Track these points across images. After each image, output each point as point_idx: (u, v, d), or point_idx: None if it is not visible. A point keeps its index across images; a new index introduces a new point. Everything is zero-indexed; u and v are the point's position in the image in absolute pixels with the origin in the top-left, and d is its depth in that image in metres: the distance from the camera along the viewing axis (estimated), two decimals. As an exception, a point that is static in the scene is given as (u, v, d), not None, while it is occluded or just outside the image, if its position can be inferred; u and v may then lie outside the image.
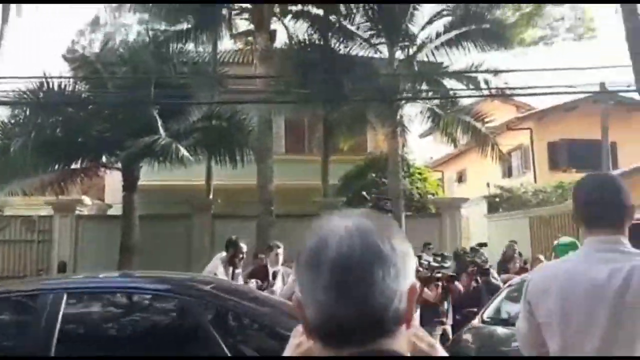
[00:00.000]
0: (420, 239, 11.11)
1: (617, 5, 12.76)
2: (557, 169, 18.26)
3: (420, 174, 15.18)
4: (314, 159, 14.75)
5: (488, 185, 18.84)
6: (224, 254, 6.10)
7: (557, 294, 1.80)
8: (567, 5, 16.71)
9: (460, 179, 24.48)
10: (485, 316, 6.00)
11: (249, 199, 12.55)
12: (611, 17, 14.57)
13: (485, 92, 13.71)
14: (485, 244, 13.10)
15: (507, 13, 15.50)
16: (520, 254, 10.84)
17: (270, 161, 12.33)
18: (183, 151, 10.10)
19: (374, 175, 14.11)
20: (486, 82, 13.15)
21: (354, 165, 14.99)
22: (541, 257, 8.10)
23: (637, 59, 11.63)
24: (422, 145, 24.93)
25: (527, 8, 16.15)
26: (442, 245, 12.68)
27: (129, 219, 11.23)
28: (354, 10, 12.71)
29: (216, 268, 5.85)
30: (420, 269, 5.95)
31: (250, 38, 15.02)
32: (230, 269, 5.87)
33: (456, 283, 6.53)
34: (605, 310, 1.72)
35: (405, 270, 0.90)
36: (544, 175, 18.55)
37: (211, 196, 13.51)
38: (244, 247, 6.06)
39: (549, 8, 16.69)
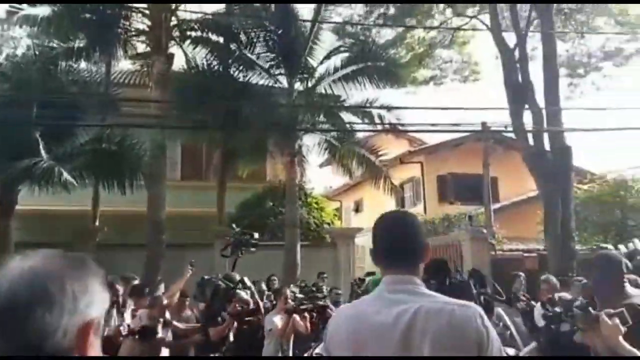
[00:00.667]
0: (316, 269, 11.21)
1: (497, 53, 13.92)
2: (445, 202, 19.29)
3: (317, 203, 15.38)
4: (210, 186, 14.48)
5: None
6: None
7: (347, 338, 1.73)
8: (454, 50, 17.94)
9: (358, 208, 25.11)
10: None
11: (139, 227, 12.03)
12: (493, 62, 15.78)
13: (379, 127, 14.26)
14: (373, 273, 13.52)
15: (401, 53, 16.34)
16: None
17: (163, 187, 11.94)
18: (66, 175, 9.50)
19: (271, 203, 14.09)
20: (380, 117, 13.70)
21: (251, 193, 14.89)
22: None
23: (513, 103, 12.72)
24: (321, 175, 25.36)
25: (419, 49, 17.13)
26: (337, 275, 12.88)
27: (4, 246, 10.32)
28: (255, 40, 12.81)
29: None
30: (289, 301, 6.19)
31: (148, 60, 14.61)
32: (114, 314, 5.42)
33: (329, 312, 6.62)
34: (391, 354, 1.64)
35: (75, 309, 0.98)
36: (433, 207, 19.49)
37: (97, 223, 12.77)
38: (119, 288, 5.66)
39: (439, 51, 17.83)
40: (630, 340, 2.60)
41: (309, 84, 13.16)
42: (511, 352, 3.80)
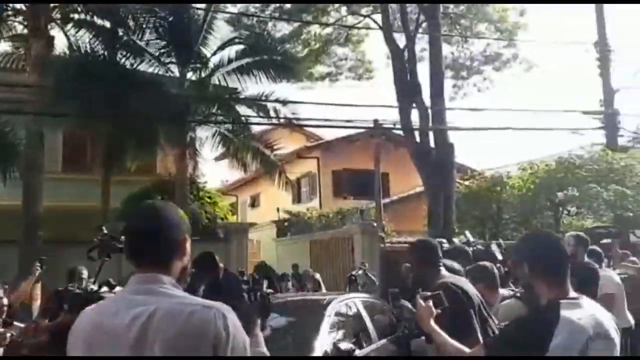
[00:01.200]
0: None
1: (389, 52, 14.41)
2: (340, 196, 19.73)
3: (210, 197, 15.06)
4: (95, 179, 13.66)
5: (278, 210, 19.54)
6: None
7: (83, 341, 1.59)
8: (349, 48, 18.36)
9: (254, 203, 24.99)
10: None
11: (15, 221, 11.12)
12: (386, 62, 16.33)
13: (275, 121, 14.24)
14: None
15: (297, 48, 16.44)
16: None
17: (40, 179, 11.12)
18: None
19: (160, 198, 13.57)
20: (275, 110, 13.67)
21: (140, 187, 14.25)
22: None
23: (402, 102, 13.25)
24: (217, 169, 24.91)
25: (315, 45, 17.33)
26: (229, 270, 12.68)
27: None
28: (144, 26, 12.24)
29: None
30: None
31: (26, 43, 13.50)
32: None
33: None
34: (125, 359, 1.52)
35: None
36: (328, 202, 19.87)
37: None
38: None
39: (334, 48, 18.16)
40: (446, 319, 2.71)
41: (202, 74, 12.82)
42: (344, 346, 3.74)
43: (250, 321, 1.85)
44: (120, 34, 12.27)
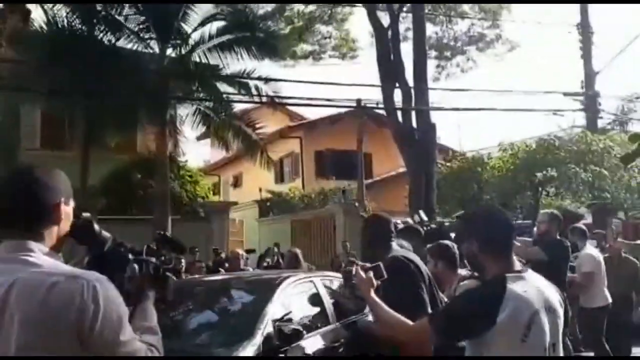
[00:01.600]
0: (188, 243, 10.85)
1: (372, 31, 14.29)
2: (322, 177, 19.70)
3: (190, 176, 14.95)
4: (73, 156, 13.45)
5: (260, 190, 19.48)
6: None
7: None
8: (333, 26, 18.20)
9: (237, 183, 24.88)
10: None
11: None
12: (370, 40, 16.21)
13: (257, 99, 14.10)
14: (254, 250, 13.49)
15: (281, 25, 16.22)
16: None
17: (17, 155, 10.94)
18: None
19: (139, 176, 13.45)
20: (257, 88, 13.51)
21: (119, 165, 14.09)
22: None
23: (385, 81, 13.19)
24: (199, 148, 24.70)
25: (299, 22, 17.13)
26: (210, 249, 12.65)
27: None
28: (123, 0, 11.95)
29: None
30: None
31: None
32: None
33: None
34: None
35: None
36: (311, 182, 19.85)
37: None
38: None
39: (318, 26, 17.97)
40: (394, 289, 2.74)
41: (182, 51, 12.58)
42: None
43: (137, 294, 1.73)
44: (99, 8, 11.97)
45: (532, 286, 2.15)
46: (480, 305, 2.10)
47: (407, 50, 14.06)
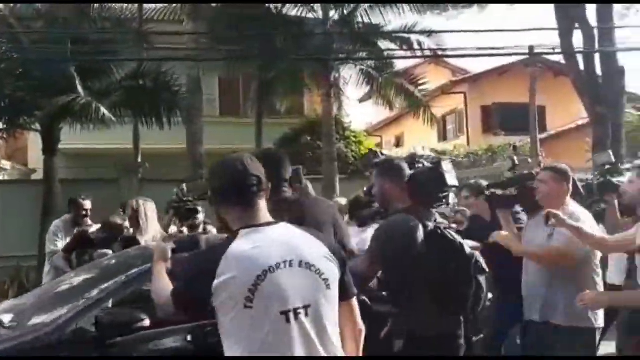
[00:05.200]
0: (355, 200, 11.16)
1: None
2: (490, 133, 18.72)
3: (355, 137, 15.18)
4: (248, 122, 14.40)
5: (423, 148, 19.09)
6: (67, 216, 5.93)
7: None
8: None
9: (399, 143, 24.75)
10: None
11: (180, 163, 12.21)
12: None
13: (419, 54, 13.72)
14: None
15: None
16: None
17: (200, 123, 11.98)
18: (104, 110, 9.57)
19: (308, 138, 13.98)
20: (419, 43, 13.14)
21: (290, 129, 14.78)
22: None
23: (562, 24, 11.90)
24: (362, 110, 24.94)
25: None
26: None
27: (50, 184, 10.66)
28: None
29: (54, 235, 5.64)
30: None
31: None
32: (75, 229, 5.61)
33: None
34: None
35: None
36: (477, 139, 18.95)
37: (139, 160, 12.99)
38: (85, 204, 5.83)
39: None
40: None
41: (345, 12, 12.64)
42: None
43: None
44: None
45: (272, 239, 1.80)
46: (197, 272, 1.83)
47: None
